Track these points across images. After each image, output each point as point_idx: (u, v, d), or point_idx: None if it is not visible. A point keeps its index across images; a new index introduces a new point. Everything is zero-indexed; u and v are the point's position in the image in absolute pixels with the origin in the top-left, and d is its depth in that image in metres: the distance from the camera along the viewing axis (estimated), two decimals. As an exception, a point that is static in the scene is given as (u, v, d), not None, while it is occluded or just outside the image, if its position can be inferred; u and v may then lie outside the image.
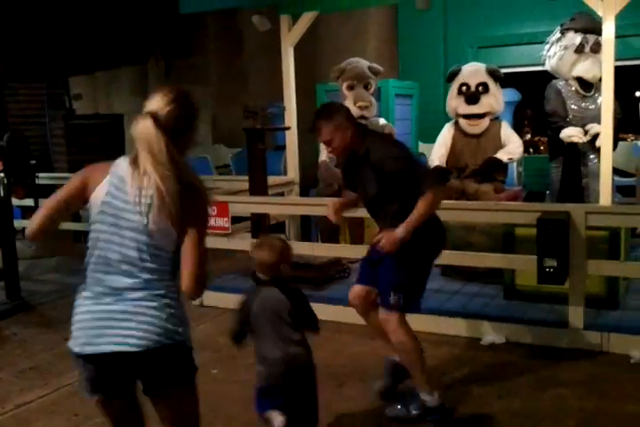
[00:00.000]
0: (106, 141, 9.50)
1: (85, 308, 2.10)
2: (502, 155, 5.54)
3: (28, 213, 8.39)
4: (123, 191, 2.05)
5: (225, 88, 10.09)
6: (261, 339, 2.84)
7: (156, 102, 2.06)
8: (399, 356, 3.37)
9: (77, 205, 2.20)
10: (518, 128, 8.56)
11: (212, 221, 5.44)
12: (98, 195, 2.08)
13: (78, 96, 11.14)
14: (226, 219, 5.42)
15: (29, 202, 7.82)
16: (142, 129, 1.99)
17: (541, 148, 9.03)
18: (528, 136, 9.35)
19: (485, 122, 5.62)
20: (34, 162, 7.90)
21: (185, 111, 2.09)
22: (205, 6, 6.29)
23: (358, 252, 5.27)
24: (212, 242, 5.55)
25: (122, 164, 2.10)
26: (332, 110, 3.28)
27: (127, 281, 2.05)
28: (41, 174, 8.24)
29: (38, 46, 9.73)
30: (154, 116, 2.00)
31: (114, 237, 2.07)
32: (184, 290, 2.05)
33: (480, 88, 5.66)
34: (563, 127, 5.62)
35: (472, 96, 5.62)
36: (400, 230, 3.06)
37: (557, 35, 5.87)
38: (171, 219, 1.99)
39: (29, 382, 4.01)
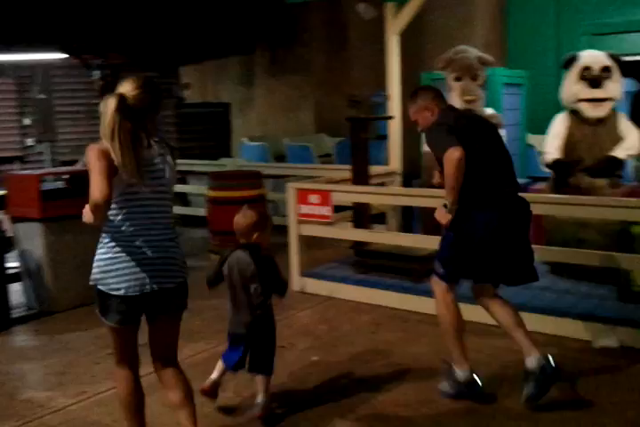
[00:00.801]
0: (213, 129, 9.80)
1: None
2: (620, 152, 5.22)
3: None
4: None
5: (328, 77, 10.13)
6: (231, 291, 3.39)
7: (126, 86, 2.51)
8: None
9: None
10: (637, 119, 8.09)
11: (314, 210, 5.51)
12: None
13: (188, 85, 11.53)
14: (328, 208, 5.46)
15: (141, 186, 8.22)
16: (107, 105, 2.45)
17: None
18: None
19: (608, 105, 5.30)
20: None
21: (149, 94, 2.53)
22: (311, -5, 6.31)
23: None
24: (313, 230, 5.69)
25: None
26: (419, 92, 3.47)
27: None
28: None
29: (151, 37, 10.11)
30: (120, 96, 2.45)
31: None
32: None
33: (604, 72, 5.36)
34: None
35: (595, 80, 5.31)
36: (444, 202, 3.25)
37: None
38: None
39: (140, 358, 4.19)
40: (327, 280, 5.47)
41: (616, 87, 5.36)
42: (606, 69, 5.36)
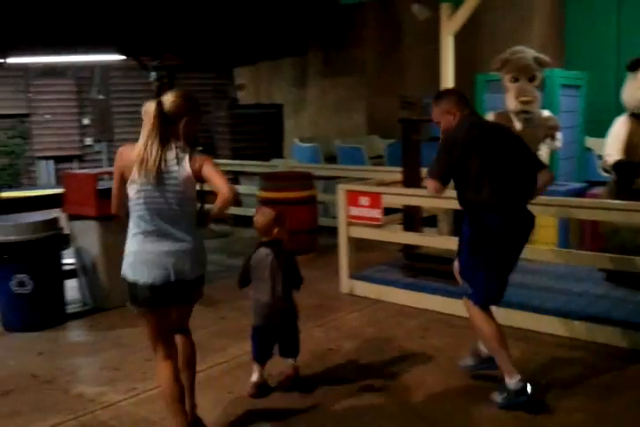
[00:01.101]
0: (266, 130, 9.88)
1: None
2: None
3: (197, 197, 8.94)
4: None
5: (381, 78, 10.08)
6: (256, 286, 3.69)
7: (167, 95, 2.89)
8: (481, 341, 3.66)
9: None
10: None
11: (364, 212, 5.49)
12: None
13: (242, 86, 11.66)
14: (378, 210, 5.43)
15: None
16: (147, 107, 2.84)
17: None
18: None
19: None
20: (200, 148, 8.40)
21: (185, 103, 2.87)
22: (361, -4, 6.28)
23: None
24: (362, 232, 5.66)
25: None
26: (443, 95, 3.62)
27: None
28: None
29: (207, 39, 10.27)
30: (159, 102, 2.83)
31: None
32: None
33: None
34: None
35: None
36: None
37: None
38: None
39: (190, 356, 4.25)
40: (376, 283, 5.44)
41: None
42: None
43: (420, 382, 3.81)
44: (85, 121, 11.78)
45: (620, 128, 5.33)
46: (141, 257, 2.91)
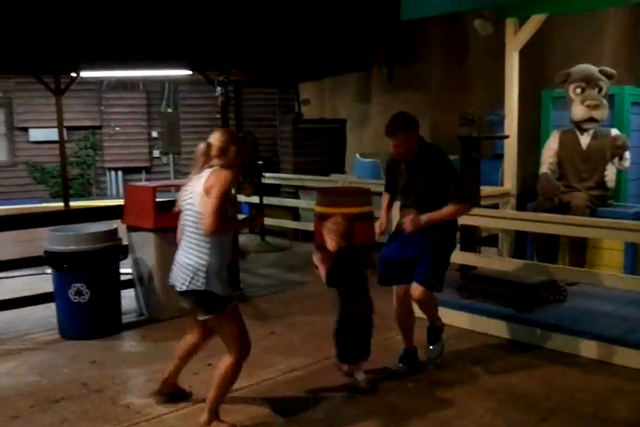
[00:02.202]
0: (329, 145, 9.90)
1: None
2: None
3: (253, 209, 9.05)
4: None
5: (445, 95, 9.95)
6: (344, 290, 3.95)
7: (213, 135, 3.40)
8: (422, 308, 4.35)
9: None
10: None
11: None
12: None
13: (307, 101, 11.75)
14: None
15: (255, 199, 8.43)
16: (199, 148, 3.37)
17: None
18: None
19: None
20: (261, 162, 8.50)
21: (228, 136, 3.39)
22: (426, 12, 6.22)
23: (575, 275, 4.92)
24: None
25: None
26: (414, 123, 4.01)
27: None
28: (267, 174, 8.85)
29: (272, 54, 10.41)
30: (208, 143, 3.35)
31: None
32: None
33: None
34: None
35: None
36: (424, 218, 3.88)
37: None
38: None
39: (237, 371, 4.26)
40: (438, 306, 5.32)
41: None
42: None
43: (467, 408, 3.68)
44: (154, 134, 12.11)
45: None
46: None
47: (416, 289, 4.04)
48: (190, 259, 3.29)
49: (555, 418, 3.58)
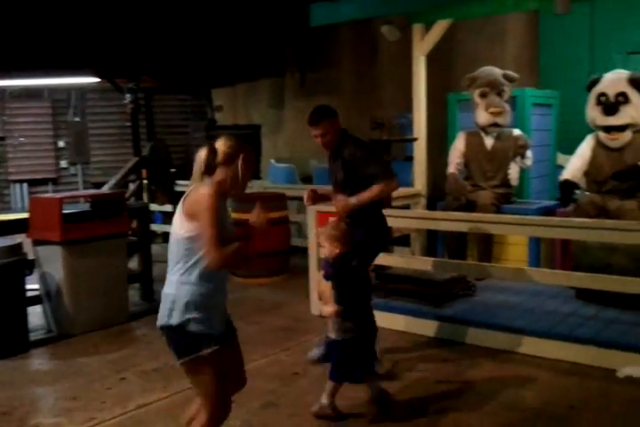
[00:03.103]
0: (243, 151, 9.81)
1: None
2: None
3: (167, 218, 8.87)
4: None
5: (357, 99, 10.09)
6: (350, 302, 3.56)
7: (219, 142, 2.89)
8: None
9: None
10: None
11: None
12: None
13: (220, 107, 11.64)
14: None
15: (169, 208, 8.26)
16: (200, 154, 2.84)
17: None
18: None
19: (626, 135, 5.18)
20: (174, 170, 8.36)
21: (236, 143, 2.89)
22: (335, 18, 6.31)
23: (483, 270, 5.08)
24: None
25: None
26: (334, 112, 4.09)
27: None
28: (180, 182, 8.70)
29: (183, 60, 10.26)
30: (212, 148, 2.83)
31: None
32: None
33: (619, 98, 5.23)
34: None
35: (610, 106, 5.22)
36: (353, 200, 3.92)
37: None
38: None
39: (151, 384, 4.16)
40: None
41: (634, 112, 5.20)
42: (622, 95, 5.23)
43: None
44: (61, 143, 11.68)
45: (584, 146, 5.41)
46: None
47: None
48: (170, 287, 2.75)
49: (466, 407, 3.68)
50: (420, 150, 6.77)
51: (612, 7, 7.87)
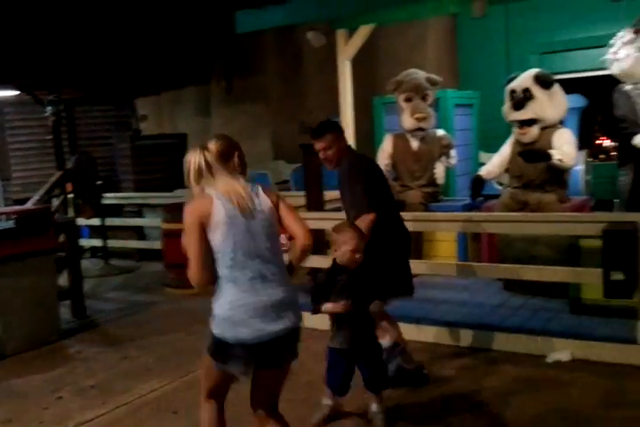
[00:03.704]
0: (171, 160, 9.71)
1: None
2: (555, 153, 5.31)
3: (94, 232, 8.68)
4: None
5: (285, 105, 10.16)
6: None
7: (211, 142, 2.74)
8: None
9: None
10: (587, 134, 8.21)
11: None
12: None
13: (144, 117, 11.47)
14: (283, 235, 5.38)
15: (96, 222, 8.10)
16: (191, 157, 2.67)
17: (612, 154, 8.66)
18: (599, 143, 9.01)
19: (534, 130, 5.43)
20: (100, 182, 8.19)
21: (229, 140, 2.80)
22: (260, 25, 6.34)
23: (415, 267, 5.18)
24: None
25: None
26: (340, 127, 3.85)
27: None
28: (107, 194, 8.54)
29: (106, 71, 10.07)
30: (205, 148, 2.66)
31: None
32: None
33: (526, 94, 5.50)
34: (634, 133, 5.33)
35: (517, 102, 5.49)
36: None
37: (629, 36, 5.57)
38: None
39: (90, 401, 4.07)
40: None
41: (539, 108, 5.45)
42: (527, 91, 5.49)
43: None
44: (-21, 159, 11.26)
45: (505, 144, 5.61)
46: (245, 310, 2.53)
47: None
48: (290, 289, 2.66)
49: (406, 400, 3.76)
50: (348, 153, 6.85)
51: (525, 10, 8.21)
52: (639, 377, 3.85)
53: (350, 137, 6.81)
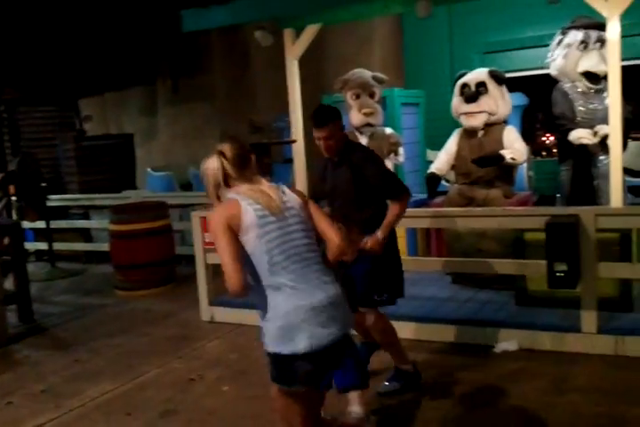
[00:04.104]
0: (116, 161, 9.57)
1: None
2: (506, 152, 5.47)
3: (39, 235, 8.48)
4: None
5: (233, 104, 10.11)
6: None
7: (226, 146, 2.55)
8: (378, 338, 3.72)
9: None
10: (529, 132, 8.45)
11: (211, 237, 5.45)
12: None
13: (89, 117, 11.26)
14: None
15: (41, 224, 7.91)
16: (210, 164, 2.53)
17: (554, 151, 8.94)
18: (541, 140, 9.28)
19: (482, 116, 5.56)
20: (44, 185, 8.01)
21: (243, 144, 2.63)
22: (207, 24, 6.30)
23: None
24: (214, 258, 5.61)
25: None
26: (340, 113, 3.58)
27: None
28: (52, 196, 8.35)
29: (48, 70, 9.85)
30: (222, 154, 2.50)
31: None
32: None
33: (480, 88, 5.64)
34: (571, 129, 5.53)
35: (471, 95, 5.62)
36: (381, 233, 3.48)
37: (559, 37, 5.81)
38: None
39: (41, 406, 3.99)
40: (236, 308, 5.38)
41: (493, 102, 5.60)
42: (481, 85, 5.64)
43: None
44: None
45: (450, 141, 5.76)
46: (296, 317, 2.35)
47: (362, 315, 3.60)
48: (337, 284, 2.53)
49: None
50: (298, 152, 6.88)
51: (468, 11, 8.39)
52: (583, 364, 4.00)
53: (300, 136, 6.87)
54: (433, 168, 5.72)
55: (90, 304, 6.42)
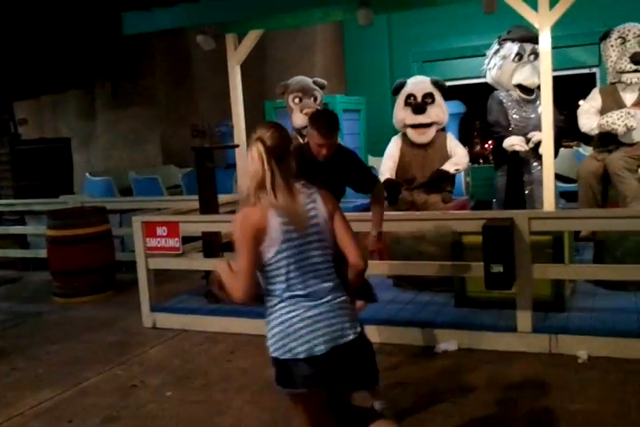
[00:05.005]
0: (53, 166, 9.34)
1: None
2: (449, 166, 5.63)
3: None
4: None
5: (174, 109, 10.05)
6: None
7: (263, 130, 2.37)
8: None
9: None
10: (466, 139, 8.71)
11: (162, 242, 5.40)
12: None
13: (23, 121, 10.96)
14: (176, 239, 5.36)
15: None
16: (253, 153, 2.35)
17: (490, 158, 9.23)
18: (478, 147, 9.56)
19: (432, 131, 5.71)
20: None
21: (285, 133, 2.45)
22: (148, 27, 6.25)
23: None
24: (163, 263, 5.57)
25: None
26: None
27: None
28: (-12, 202, 8.10)
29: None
30: (260, 139, 2.34)
31: None
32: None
33: (427, 99, 5.77)
34: (505, 137, 5.73)
35: (419, 106, 5.72)
36: (375, 230, 3.62)
37: (495, 46, 6.02)
38: None
39: (-23, 414, 3.88)
40: (179, 313, 5.35)
41: (439, 111, 5.77)
42: (428, 96, 5.78)
43: (227, 406, 3.80)
44: None
45: (392, 148, 5.86)
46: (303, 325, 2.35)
47: None
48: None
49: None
50: (241, 157, 6.88)
51: (407, 20, 8.60)
52: (519, 362, 4.14)
53: (243, 140, 6.88)
54: (387, 174, 5.73)
55: (27, 312, 6.25)
